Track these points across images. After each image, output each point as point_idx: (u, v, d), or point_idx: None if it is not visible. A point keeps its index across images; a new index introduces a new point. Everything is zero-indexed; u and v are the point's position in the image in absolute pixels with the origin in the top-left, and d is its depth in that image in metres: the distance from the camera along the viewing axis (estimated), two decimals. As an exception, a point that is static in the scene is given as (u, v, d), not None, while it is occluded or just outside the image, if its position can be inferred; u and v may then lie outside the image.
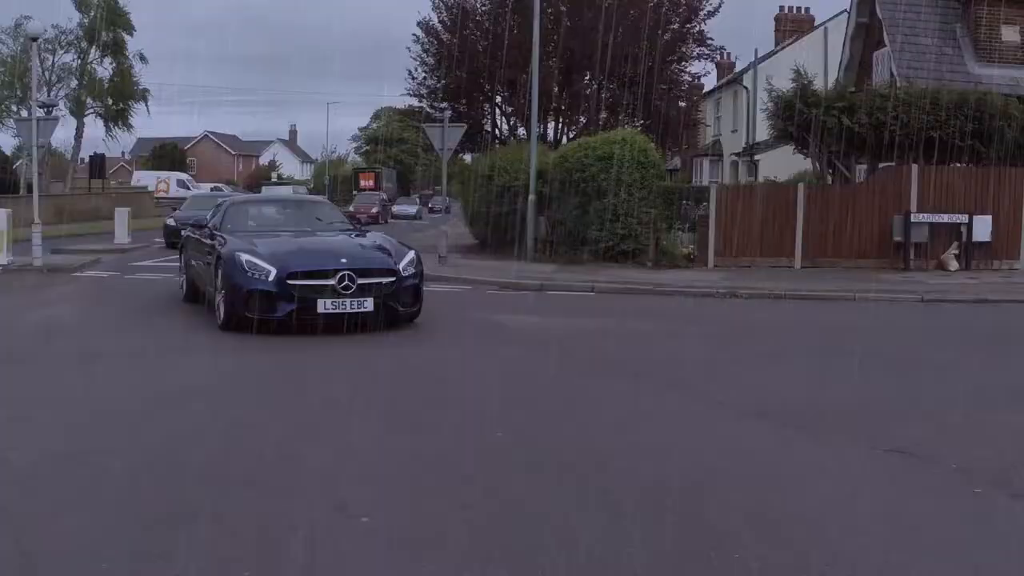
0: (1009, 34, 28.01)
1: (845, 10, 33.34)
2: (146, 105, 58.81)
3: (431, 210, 66.15)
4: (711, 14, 37.63)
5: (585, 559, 5.03)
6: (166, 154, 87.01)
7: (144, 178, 69.68)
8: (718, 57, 44.66)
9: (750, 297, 18.24)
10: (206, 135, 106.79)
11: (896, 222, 22.59)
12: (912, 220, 22.47)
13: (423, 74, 37.57)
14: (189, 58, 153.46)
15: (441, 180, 28.40)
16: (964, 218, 22.68)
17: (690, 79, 40.86)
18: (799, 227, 22.73)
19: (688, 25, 37.35)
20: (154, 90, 60.38)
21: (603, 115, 36.14)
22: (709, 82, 56.18)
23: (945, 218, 22.73)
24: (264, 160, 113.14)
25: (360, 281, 12.69)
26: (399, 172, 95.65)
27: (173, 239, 28.34)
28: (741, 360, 11.82)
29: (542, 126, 33.46)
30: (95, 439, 7.58)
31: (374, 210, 54.07)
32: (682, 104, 39.33)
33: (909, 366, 11.50)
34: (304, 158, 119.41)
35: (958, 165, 23.77)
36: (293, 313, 12.63)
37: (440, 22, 37.14)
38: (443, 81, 36.43)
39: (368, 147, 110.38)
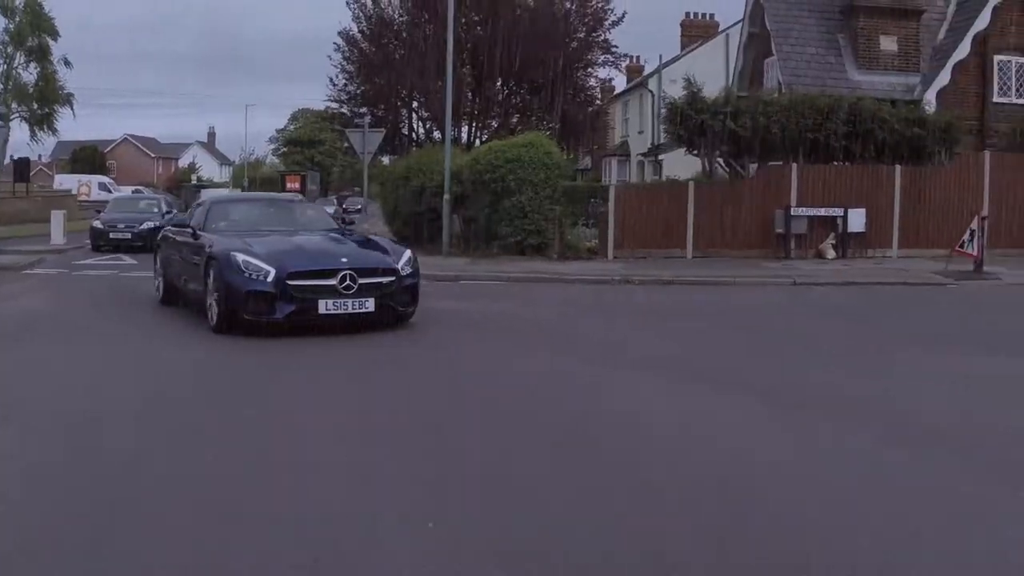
0: (887, 44, 30.47)
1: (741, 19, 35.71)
2: (71, 109, 59.43)
3: (346, 211, 67.08)
4: (615, 23, 39.84)
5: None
6: (86, 157, 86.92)
7: (66, 181, 69.79)
8: (624, 63, 46.82)
9: (642, 283, 20.25)
10: (126, 138, 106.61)
11: (778, 216, 24.84)
12: (792, 214, 24.71)
13: (344, 81, 39.25)
14: (107, 60, 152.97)
15: (358, 181, 30.06)
16: (840, 211, 24.96)
17: (596, 84, 43.03)
18: (690, 221, 24.86)
19: (594, 34, 39.50)
20: (74, 93, 60.54)
21: (514, 119, 38.04)
22: (621, 83, 58.48)
23: (822, 211, 25.01)
24: (184, 162, 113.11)
25: (361, 281, 12.42)
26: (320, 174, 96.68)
27: (100, 241, 29.06)
28: (620, 329, 14.22)
29: (456, 129, 35.20)
30: (108, 442, 7.25)
31: None
32: (589, 109, 41.38)
33: (752, 329, 14.16)
34: (223, 160, 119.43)
35: (836, 164, 26.06)
36: (293, 314, 12.29)
37: (360, 32, 38.83)
38: (363, 87, 38.12)
39: (286, 149, 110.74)
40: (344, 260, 12.74)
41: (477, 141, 37.76)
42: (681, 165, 35.68)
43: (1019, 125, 28.64)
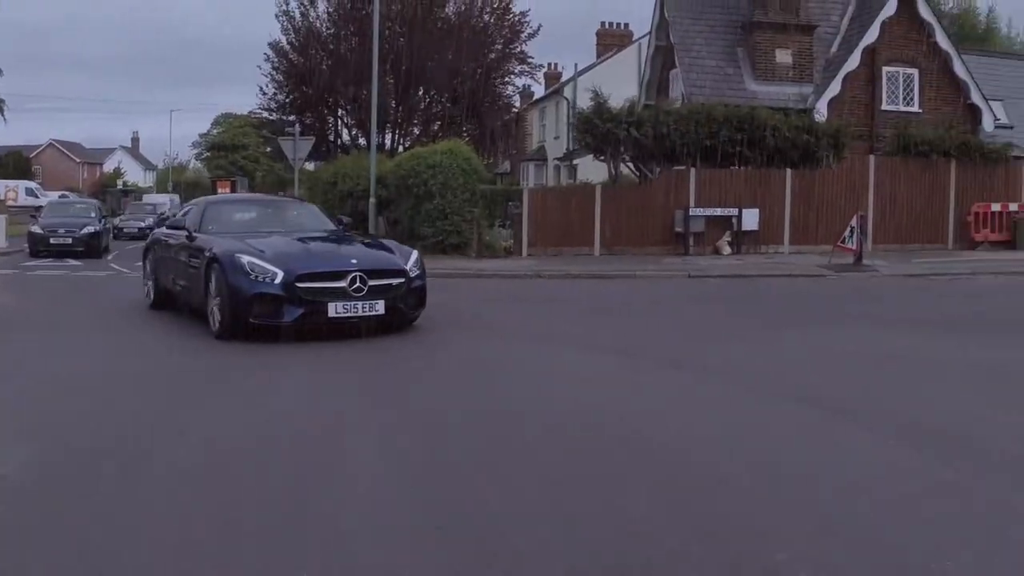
0: (782, 56, 32.72)
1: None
2: (3, 115, 60.20)
3: None
4: (532, 36, 41.87)
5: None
6: (12, 163, 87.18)
7: (-9, 187, 70.43)
8: (540, 72, 48.95)
9: (552, 278, 22.21)
10: (51, 143, 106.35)
11: (678, 215, 26.97)
12: (691, 214, 26.87)
13: (273, 90, 40.82)
14: (30, 64, 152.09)
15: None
16: (735, 211, 27.16)
17: (514, 92, 45.07)
18: (597, 221, 26.90)
19: (511, 46, 41.47)
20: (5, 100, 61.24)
21: (435, 126, 39.86)
22: (540, 90, 60.48)
23: (719, 211, 27.21)
24: (108, 167, 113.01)
25: (371, 283, 12.18)
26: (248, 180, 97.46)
27: (40, 247, 29.23)
28: (530, 315, 16.08)
29: (380, 136, 36.91)
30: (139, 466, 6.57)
31: None
32: (506, 116, 43.37)
33: (646, 314, 16.28)
34: (147, 165, 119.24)
35: (732, 168, 28.22)
36: (302, 318, 11.99)
37: (289, 43, 40.37)
38: (292, 96, 39.72)
39: (209, 153, 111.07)
40: (353, 261, 12.45)
41: (400, 147, 39.52)
42: (594, 169, 37.61)
43: (904, 131, 31.00)
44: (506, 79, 42.71)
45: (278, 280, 11.95)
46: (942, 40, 33.70)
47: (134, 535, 5.27)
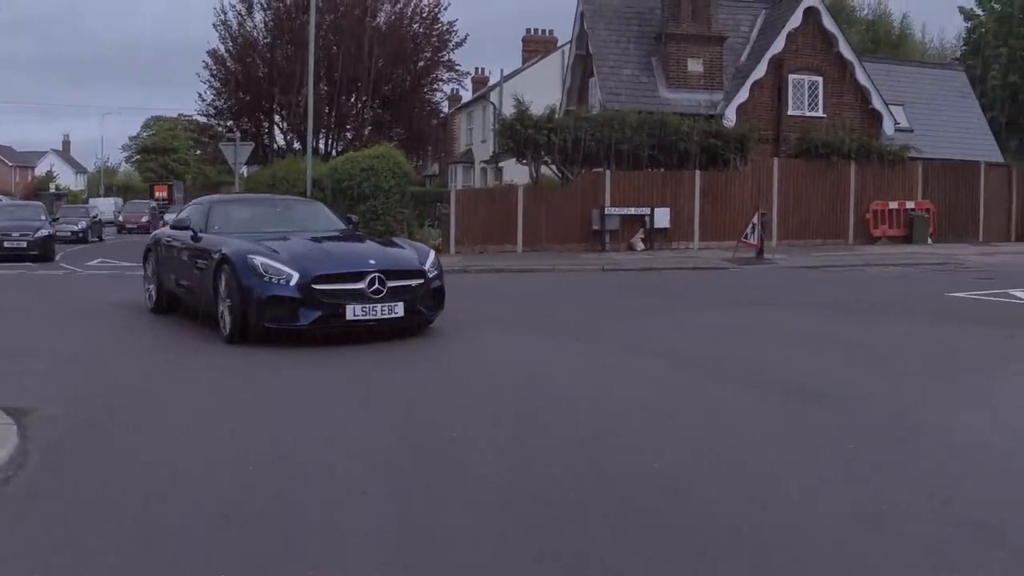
0: (694, 66, 34.81)
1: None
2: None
3: None
4: (459, 44, 43.80)
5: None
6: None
7: (-75, 192, 70.81)
8: (468, 78, 50.89)
9: (479, 272, 24.02)
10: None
11: (595, 214, 28.95)
12: (606, 213, 28.87)
13: (212, 96, 42.31)
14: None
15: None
16: (647, 210, 29.19)
17: (443, 98, 47.06)
18: (520, 220, 28.77)
19: (440, 54, 43.32)
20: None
21: (367, 131, 41.57)
22: (468, 95, 62.30)
23: (632, 210, 29.23)
24: (40, 171, 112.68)
25: (390, 284, 11.74)
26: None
27: None
28: (459, 303, 17.80)
29: (315, 140, 38.53)
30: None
31: (144, 219, 53.97)
32: (434, 121, 45.25)
33: (560, 302, 17.98)
34: (78, 168, 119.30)
35: (646, 170, 30.25)
36: (318, 322, 11.57)
37: (227, 51, 41.84)
38: (229, 102, 41.24)
39: (139, 156, 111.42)
40: (371, 262, 12.00)
41: (334, 151, 41.16)
42: (519, 172, 39.29)
43: (806, 135, 33.22)
44: (435, 86, 44.59)
45: (293, 282, 11.48)
46: (845, 50, 36.06)
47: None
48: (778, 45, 34.82)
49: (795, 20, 35.01)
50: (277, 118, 42.86)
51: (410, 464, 6.72)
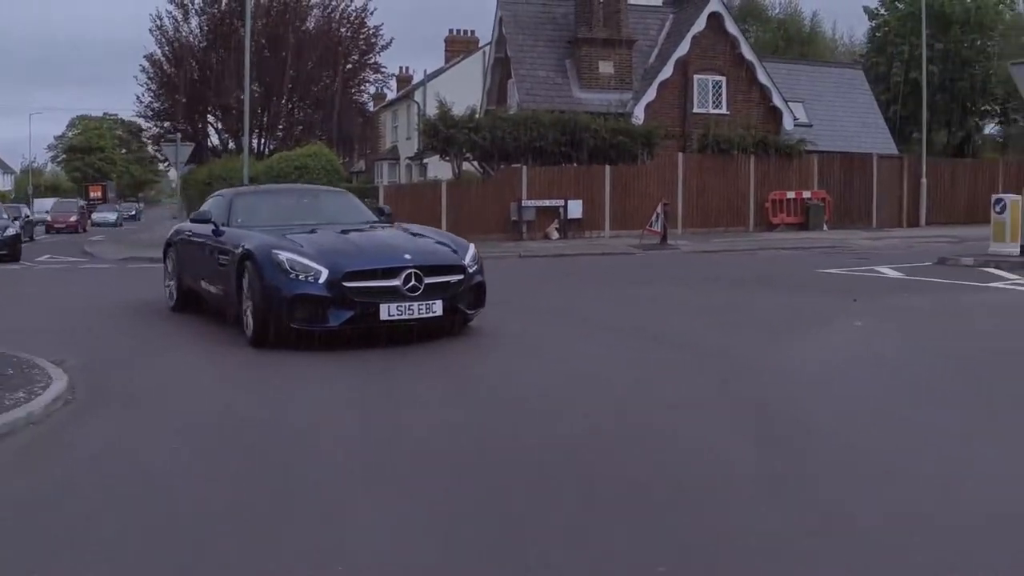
0: (605, 68, 37.33)
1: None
2: None
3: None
4: (384, 47, 46.01)
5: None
6: None
7: None
8: (392, 79, 53.09)
9: (405, 260, 26.22)
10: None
11: (512, 207, 31.34)
12: (523, 205, 31.30)
13: (149, 98, 44.10)
14: None
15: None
16: (561, 202, 31.62)
17: (368, 100, 49.15)
18: (444, 213, 31.00)
19: (366, 57, 45.46)
20: None
21: (298, 130, 43.62)
22: (393, 93, 64.25)
23: (547, 202, 31.65)
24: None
25: (428, 280, 10.83)
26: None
27: None
28: None
29: (249, 140, 40.55)
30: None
31: (72, 218, 53.88)
32: (361, 120, 47.41)
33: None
34: (4, 168, 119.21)
35: (561, 165, 32.63)
36: (350, 322, 10.67)
37: (163, 55, 43.63)
38: (166, 104, 43.07)
39: (65, 156, 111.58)
40: (407, 257, 11.02)
41: (267, 150, 43.13)
42: (443, 168, 41.60)
43: (708, 131, 35.83)
44: (362, 87, 46.66)
45: (322, 279, 10.60)
46: (747, 51, 38.84)
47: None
48: (684, 47, 37.46)
49: (699, 24, 37.69)
50: (212, 119, 44.68)
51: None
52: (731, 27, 38.67)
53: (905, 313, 14.01)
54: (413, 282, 10.70)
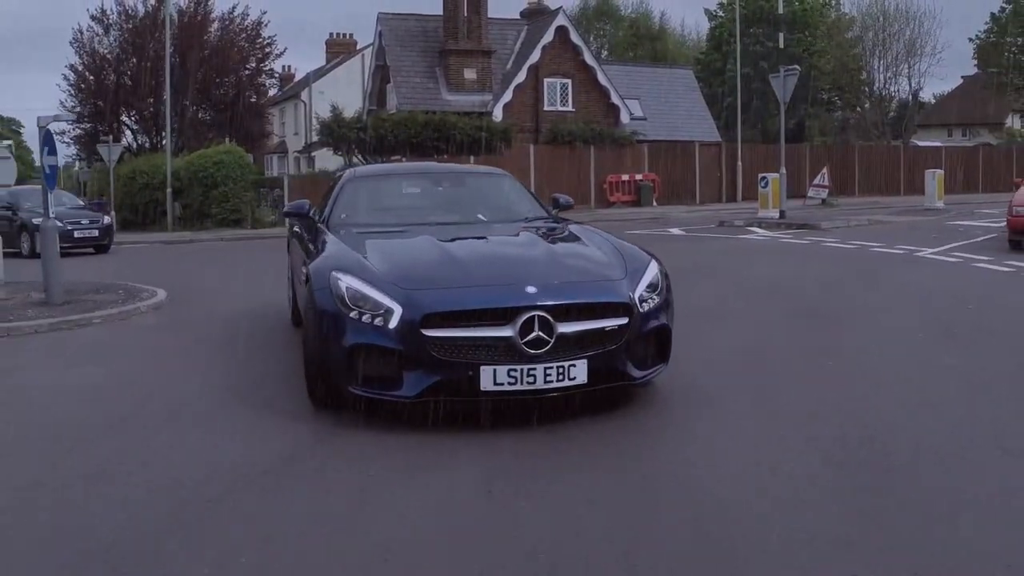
0: (469, 74, 44.26)
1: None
2: None
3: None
4: (279, 55, 52.30)
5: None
6: None
7: None
8: (279, 77, 59.70)
9: (311, 236, 32.54)
10: None
11: (392, 193, 37.90)
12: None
13: (72, 103, 49.21)
14: None
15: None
16: (436, 189, 38.26)
17: (265, 103, 55.45)
18: (338, 198, 37.47)
19: (262, 64, 51.55)
20: None
21: (211, 133, 49.14)
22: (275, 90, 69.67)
23: (423, 189, 38.26)
24: None
25: (562, 330, 6.59)
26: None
27: None
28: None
29: (163, 139, 46.17)
30: None
31: None
32: (261, 120, 53.63)
33: None
34: None
35: (434, 158, 39.16)
36: (432, 391, 6.60)
37: (84, 65, 48.81)
38: (87, 108, 48.39)
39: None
40: (532, 290, 6.73)
41: (180, 149, 48.69)
42: (329, 160, 47.64)
43: (555, 126, 42.95)
44: (259, 91, 52.73)
45: (394, 322, 6.62)
46: (588, 58, 46.26)
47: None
48: (535, 56, 44.69)
49: (548, 36, 44.96)
50: (128, 120, 49.98)
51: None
52: (575, 38, 46.04)
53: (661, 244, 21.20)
54: (537, 332, 6.54)
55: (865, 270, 17.16)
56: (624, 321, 6.89)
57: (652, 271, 7.45)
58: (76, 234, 26.74)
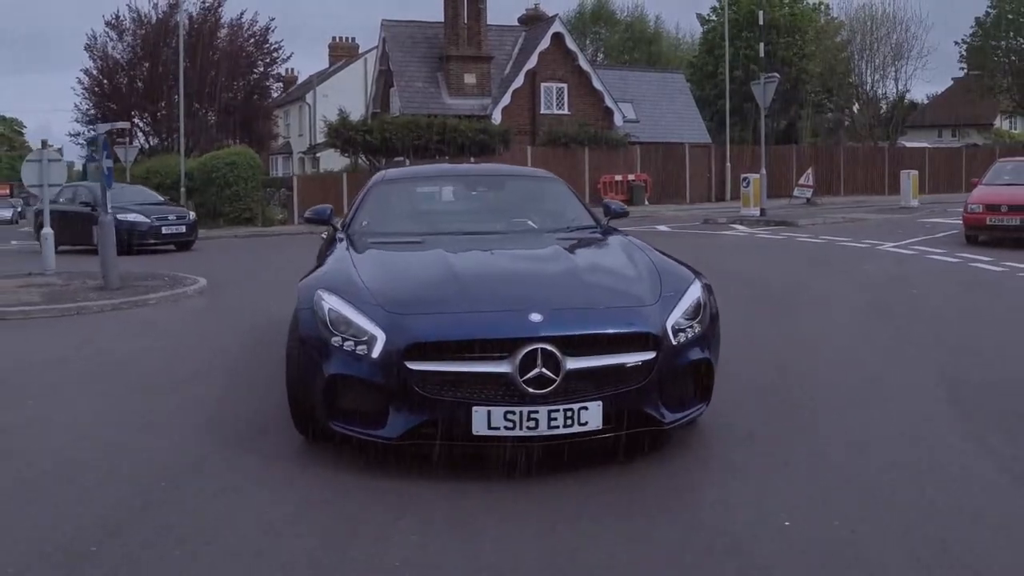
0: (468, 79, 46.13)
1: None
2: None
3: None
4: (285, 60, 54.17)
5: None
6: None
7: None
8: (285, 85, 61.41)
9: (316, 233, 34.34)
10: None
11: (390, 193, 39.73)
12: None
13: (87, 106, 51.08)
14: None
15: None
16: (437, 188, 40.11)
17: (273, 106, 57.35)
18: (345, 197, 39.02)
19: (270, 69, 53.41)
20: None
21: (221, 134, 50.83)
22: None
23: (424, 188, 40.14)
24: None
25: (572, 366, 5.51)
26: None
27: None
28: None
29: (176, 141, 47.86)
30: None
31: None
32: (268, 122, 55.48)
33: None
34: None
35: (437, 158, 41.02)
36: (417, 434, 5.61)
37: (97, 69, 50.67)
38: (100, 111, 50.09)
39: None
40: (537, 317, 5.62)
41: (192, 151, 50.49)
42: (334, 160, 49.83)
43: (552, 129, 44.82)
44: (266, 95, 54.56)
45: (376, 351, 5.65)
46: (584, 63, 48.23)
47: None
48: (532, 61, 46.64)
49: (545, 42, 46.89)
50: (141, 123, 51.70)
51: None
52: (571, 44, 48.05)
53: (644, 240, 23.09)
54: (540, 368, 5.46)
55: (826, 261, 19.16)
56: (650, 356, 5.72)
57: (693, 295, 6.27)
58: (164, 230, 27.11)
